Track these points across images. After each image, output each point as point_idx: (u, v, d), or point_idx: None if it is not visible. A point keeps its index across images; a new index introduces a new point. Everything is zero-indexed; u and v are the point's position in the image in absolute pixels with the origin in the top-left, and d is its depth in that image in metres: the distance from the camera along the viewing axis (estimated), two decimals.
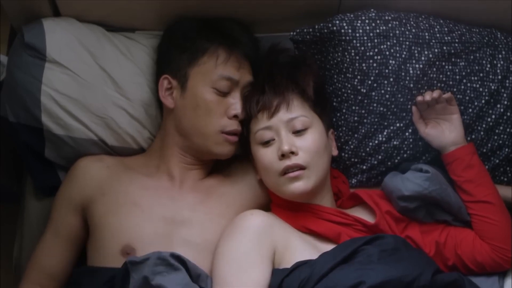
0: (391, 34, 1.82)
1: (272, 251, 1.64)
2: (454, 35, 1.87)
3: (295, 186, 1.69)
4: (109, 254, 1.71)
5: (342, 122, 1.86)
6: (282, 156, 1.68)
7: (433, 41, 1.84)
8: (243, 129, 1.79)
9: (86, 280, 1.70)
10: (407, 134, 1.86)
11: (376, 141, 1.86)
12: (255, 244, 1.63)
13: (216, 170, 1.89)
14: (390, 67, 1.81)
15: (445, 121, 1.81)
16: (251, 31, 1.91)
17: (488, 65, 1.88)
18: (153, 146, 1.89)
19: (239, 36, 1.85)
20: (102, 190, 1.77)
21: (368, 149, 1.87)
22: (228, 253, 1.63)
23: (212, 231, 1.73)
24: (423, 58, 1.82)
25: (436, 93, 1.79)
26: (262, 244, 1.63)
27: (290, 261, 1.62)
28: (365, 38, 1.80)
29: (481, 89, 1.87)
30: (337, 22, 1.80)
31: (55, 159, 1.89)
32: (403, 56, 1.82)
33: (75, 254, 1.81)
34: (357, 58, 1.80)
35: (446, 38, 1.86)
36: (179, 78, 1.81)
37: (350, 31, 1.80)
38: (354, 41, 1.80)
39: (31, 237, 1.89)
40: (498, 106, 1.87)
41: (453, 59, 1.86)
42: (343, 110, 1.86)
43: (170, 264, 1.56)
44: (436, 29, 1.86)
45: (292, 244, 1.67)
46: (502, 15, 1.91)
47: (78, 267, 1.79)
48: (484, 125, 1.87)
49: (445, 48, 1.85)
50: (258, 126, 1.74)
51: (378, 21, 1.82)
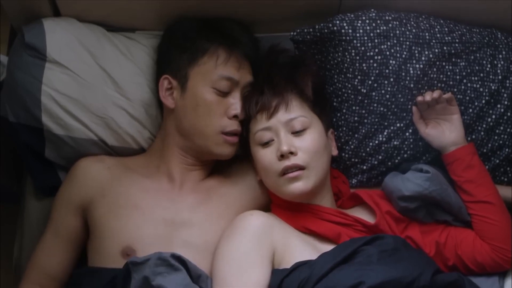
0: (392, 34, 1.82)
1: (272, 252, 1.64)
2: (455, 35, 1.87)
3: (295, 187, 1.69)
4: (110, 255, 1.71)
5: (343, 122, 1.86)
6: (281, 157, 1.68)
7: (434, 41, 1.84)
8: (243, 130, 1.79)
9: (87, 281, 1.70)
10: (408, 134, 1.86)
11: (377, 141, 1.86)
12: (255, 245, 1.63)
13: (216, 171, 1.88)
14: (391, 67, 1.81)
15: (446, 121, 1.81)
16: (251, 31, 1.91)
17: (489, 65, 1.87)
18: (154, 146, 1.89)
19: (239, 36, 1.85)
20: (103, 192, 1.77)
21: (369, 149, 1.87)
22: (228, 254, 1.63)
23: (212, 232, 1.73)
24: (424, 58, 1.82)
25: (437, 93, 1.79)
26: (262, 245, 1.63)
27: (290, 262, 1.62)
28: (366, 38, 1.80)
29: (482, 89, 1.87)
30: (338, 22, 1.80)
31: (55, 159, 1.89)
32: (404, 56, 1.82)
33: (75, 255, 1.81)
34: (358, 58, 1.80)
35: (447, 38, 1.86)
36: (179, 78, 1.81)
37: (351, 31, 1.79)
38: (355, 41, 1.80)
39: (31, 237, 1.89)
40: (499, 106, 1.87)
41: (454, 59, 1.86)
42: (344, 110, 1.86)
43: (171, 265, 1.56)
44: (437, 29, 1.86)
45: (292, 245, 1.67)
46: (502, 15, 1.91)
47: (79, 268, 1.79)
48: (485, 125, 1.87)
49: (446, 48, 1.84)
50: (257, 127, 1.74)
51: (379, 21, 1.82)
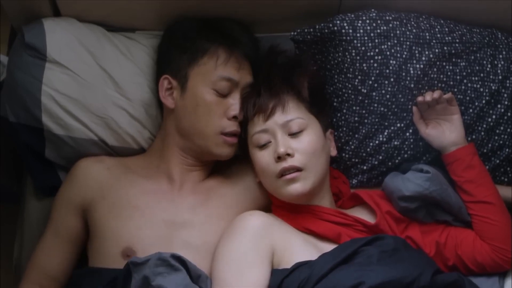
0: (392, 34, 1.81)
1: (271, 252, 1.64)
2: (455, 35, 1.87)
3: (293, 188, 1.69)
4: (110, 256, 1.71)
5: (343, 123, 1.86)
6: (278, 159, 1.68)
7: (434, 41, 1.84)
8: (242, 131, 1.79)
9: (87, 281, 1.70)
10: (408, 135, 1.86)
11: (377, 142, 1.86)
12: (255, 245, 1.63)
13: (216, 171, 1.88)
14: (391, 67, 1.81)
15: (446, 122, 1.81)
16: (251, 31, 1.91)
17: (489, 65, 1.87)
18: (154, 146, 1.89)
19: (239, 36, 1.85)
20: (102, 192, 1.77)
21: (369, 150, 1.87)
22: (228, 254, 1.63)
23: (212, 233, 1.73)
24: (424, 58, 1.82)
25: (437, 94, 1.79)
26: (261, 245, 1.63)
27: (290, 262, 1.62)
28: (366, 38, 1.80)
29: (482, 89, 1.86)
30: (338, 22, 1.80)
31: (55, 159, 1.89)
32: (404, 56, 1.81)
33: (75, 255, 1.81)
34: (358, 58, 1.80)
35: (447, 38, 1.85)
36: (179, 79, 1.81)
37: (351, 31, 1.79)
38: (355, 41, 1.79)
39: (31, 237, 1.89)
40: (499, 107, 1.87)
41: (454, 59, 1.85)
42: (344, 110, 1.85)
43: (171, 265, 1.56)
44: (437, 29, 1.86)
45: (293, 245, 1.67)
46: (502, 15, 1.91)
47: (79, 268, 1.79)
48: (485, 126, 1.87)
49: (446, 48, 1.84)
50: (255, 129, 1.74)
51: (379, 21, 1.82)
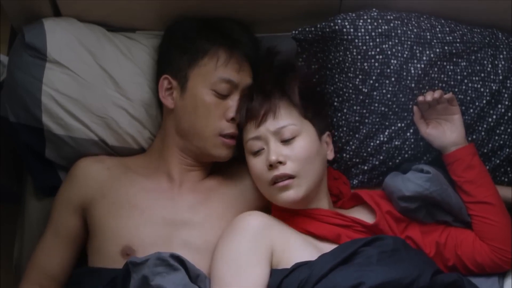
0: (393, 34, 1.81)
1: (270, 252, 1.63)
2: (456, 35, 1.86)
3: (286, 195, 1.68)
4: (109, 255, 1.71)
5: (343, 122, 1.86)
6: (270, 166, 1.68)
7: (435, 41, 1.84)
8: (240, 135, 1.78)
9: (87, 281, 1.70)
10: (408, 134, 1.86)
11: (378, 141, 1.86)
12: (254, 245, 1.62)
13: (216, 171, 1.88)
14: (392, 67, 1.81)
15: (446, 122, 1.81)
16: (251, 31, 1.91)
17: (489, 65, 1.87)
18: (153, 146, 1.89)
19: (239, 37, 1.84)
20: (102, 192, 1.77)
21: (370, 149, 1.87)
22: (227, 254, 1.63)
23: (212, 232, 1.73)
24: (425, 58, 1.82)
25: (438, 93, 1.79)
26: (261, 245, 1.63)
27: (290, 262, 1.62)
28: (367, 38, 1.80)
29: (482, 89, 1.86)
30: (339, 21, 1.80)
31: (56, 159, 1.89)
32: (405, 56, 1.81)
33: (75, 255, 1.81)
34: (359, 58, 1.80)
35: (448, 38, 1.85)
36: (179, 79, 1.81)
37: (352, 30, 1.79)
38: (356, 41, 1.79)
39: (31, 237, 1.89)
40: (499, 107, 1.87)
41: (455, 59, 1.85)
42: (344, 110, 1.85)
43: (170, 265, 1.56)
44: (438, 29, 1.86)
45: (292, 245, 1.66)
46: (503, 15, 1.91)
47: (79, 268, 1.79)
48: (485, 126, 1.87)
49: (447, 48, 1.84)
50: (248, 136, 1.73)
51: (380, 21, 1.82)
